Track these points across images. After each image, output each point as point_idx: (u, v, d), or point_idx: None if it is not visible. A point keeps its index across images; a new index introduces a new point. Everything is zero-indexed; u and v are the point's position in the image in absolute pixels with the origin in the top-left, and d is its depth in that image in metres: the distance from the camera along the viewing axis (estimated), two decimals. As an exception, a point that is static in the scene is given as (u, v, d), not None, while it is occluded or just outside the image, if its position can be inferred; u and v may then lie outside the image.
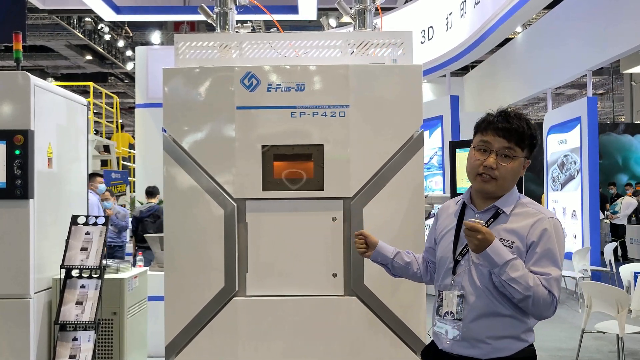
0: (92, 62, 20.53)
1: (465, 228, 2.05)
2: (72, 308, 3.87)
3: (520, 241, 2.10)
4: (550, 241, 2.09)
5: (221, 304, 3.19)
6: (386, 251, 2.48)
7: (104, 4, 9.85)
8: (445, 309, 2.19)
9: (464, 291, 2.16)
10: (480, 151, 2.19)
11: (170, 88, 3.25)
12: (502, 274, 2.03)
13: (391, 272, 2.54)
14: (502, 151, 2.15)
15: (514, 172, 2.16)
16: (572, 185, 9.60)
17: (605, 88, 22.41)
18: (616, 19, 8.62)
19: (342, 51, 3.37)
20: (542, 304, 2.04)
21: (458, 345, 2.16)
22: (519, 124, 2.14)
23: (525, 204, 2.19)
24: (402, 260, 2.49)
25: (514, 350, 2.12)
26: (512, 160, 2.15)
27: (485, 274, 2.12)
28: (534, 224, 2.11)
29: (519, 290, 2.02)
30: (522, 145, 2.16)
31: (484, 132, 2.19)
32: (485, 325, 2.12)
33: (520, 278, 2.01)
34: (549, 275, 2.06)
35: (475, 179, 2.20)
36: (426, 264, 2.50)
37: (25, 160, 3.78)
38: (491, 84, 13.86)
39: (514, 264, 2.02)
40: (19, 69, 3.98)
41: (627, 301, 4.88)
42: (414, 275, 2.51)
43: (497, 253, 2.03)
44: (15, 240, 3.80)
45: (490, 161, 2.14)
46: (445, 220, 2.35)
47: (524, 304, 2.06)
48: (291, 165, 3.21)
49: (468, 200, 2.27)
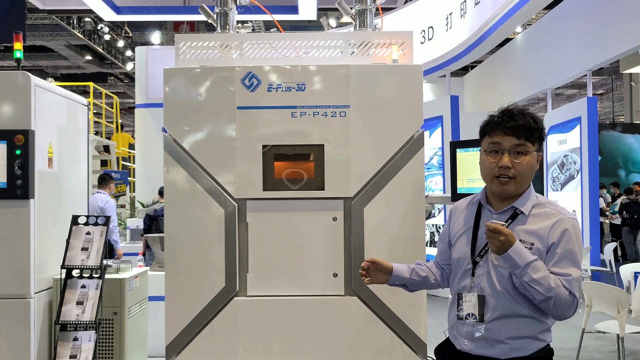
0: (91, 62, 20.53)
1: (487, 230, 2.05)
2: (73, 308, 3.87)
3: (540, 242, 2.10)
4: (571, 242, 2.09)
5: (222, 304, 3.20)
6: (402, 272, 2.41)
7: (104, 4, 9.85)
8: (466, 311, 2.18)
9: (483, 293, 2.16)
10: (492, 153, 2.18)
11: (170, 88, 3.25)
12: (523, 275, 2.03)
13: (409, 289, 2.49)
14: (514, 149, 2.14)
15: (530, 167, 2.16)
16: (572, 186, 9.60)
17: (605, 88, 22.42)
18: (616, 19, 8.62)
19: (343, 51, 3.37)
20: (564, 304, 2.05)
21: (477, 345, 2.16)
22: (525, 119, 2.14)
23: (543, 204, 2.18)
24: (418, 277, 2.43)
25: (532, 350, 2.13)
26: (525, 156, 2.15)
27: (504, 276, 2.12)
28: (554, 224, 2.11)
29: (540, 291, 2.02)
30: (532, 140, 2.16)
31: (492, 134, 2.18)
32: (504, 325, 2.13)
33: (542, 279, 2.02)
34: (569, 276, 2.06)
35: (492, 182, 2.19)
36: (441, 270, 2.46)
37: (25, 160, 3.78)
38: (491, 84, 13.86)
39: (535, 265, 2.03)
40: (20, 69, 3.98)
41: (627, 301, 4.88)
42: (433, 286, 2.48)
43: (518, 254, 2.03)
44: (16, 240, 3.80)
45: (505, 161, 2.14)
46: (460, 221, 2.33)
47: (545, 305, 2.06)
48: (292, 165, 3.21)
49: (484, 200, 2.26)
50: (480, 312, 2.15)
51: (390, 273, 2.40)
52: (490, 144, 2.19)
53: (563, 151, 9.87)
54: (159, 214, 8.07)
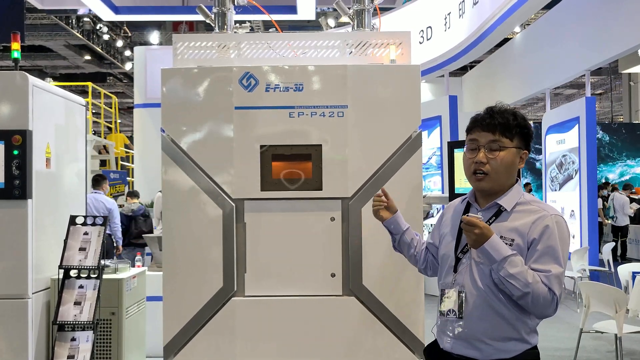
0: (90, 62, 20.50)
1: (463, 223, 2.06)
2: (71, 308, 3.87)
3: (521, 239, 2.09)
4: (552, 238, 2.07)
5: (219, 304, 3.20)
6: (401, 223, 2.54)
7: (103, 4, 9.84)
8: (447, 307, 2.18)
9: (464, 289, 2.15)
10: (470, 150, 2.20)
11: (168, 88, 3.25)
12: (500, 270, 2.02)
13: (395, 244, 2.59)
14: (489, 145, 2.15)
15: (504, 163, 2.15)
16: (571, 185, 9.61)
17: (603, 88, 22.43)
18: (614, 19, 8.62)
19: (341, 51, 3.37)
20: (542, 301, 2.02)
21: (459, 345, 2.15)
22: (502, 116, 2.15)
23: (528, 202, 2.17)
24: (409, 237, 2.54)
25: (516, 352, 2.11)
26: (500, 152, 2.14)
27: (486, 273, 2.11)
28: (535, 221, 2.10)
29: (517, 286, 2.01)
30: (509, 136, 2.15)
31: (471, 131, 2.21)
32: (485, 324, 2.11)
33: (518, 274, 2.00)
34: (549, 272, 2.04)
35: (471, 178, 2.21)
36: (426, 251, 2.51)
37: (23, 160, 3.77)
38: (490, 84, 13.86)
39: (512, 260, 2.01)
40: (18, 69, 3.97)
41: (625, 301, 4.88)
42: (411, 257, 2.55)
43: (495, 249, 2.02)
44: (14, 241, 3.79)
45: (479, 156, 2.15)
46: (450, 218, 2.35)
47: (523, 301, 2.04)
48: (290, 166, 3.21)
49: (472, 199, 2.28)
50: (459, 309, 2.15)
51: (394, 213, 2.54)
52: (469, 140, 2.21)
53: (562, 151, 9.87)
54: (138, 214, 8.40)
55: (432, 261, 2.49)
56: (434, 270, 2.50)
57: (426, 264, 2.51)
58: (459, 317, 2.15)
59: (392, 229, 2.55)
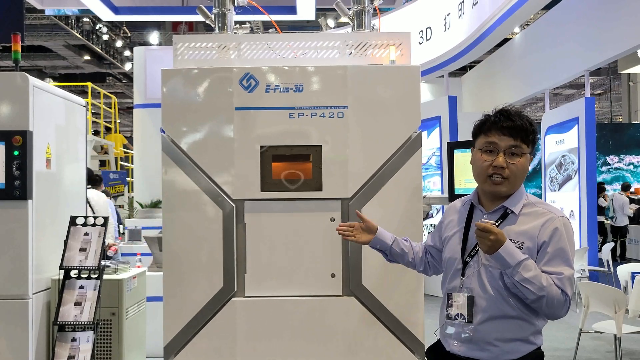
0: (90, 62, 20.50)
1: (477, 229, 2.04)
2: (71, 309, 3.87)
3: (530, 242, 2.10)
4: (562, 240, 2.09)
5: (220, 304, 3.20)
6: (385, 238, 2.50)
7: (103, 4, 9.84)
8: (455, 311, 2.18)
9: (473, 293, 2.16)
10: (487, 152, 2.18)
11: (168, 89, 3.26)
12: (514, 275, 2.02)
13: (388, 258, 2.57)
14: (510, 149, 2.15)
15: (523, 169, 2.17)
16: (570, 186, 9.61)
17: (603, 88, 22.43)
18: (614, 20, 8.63)
19: (341, 52, 3.37)
20: (556, 303, 2.04)
21: (467, 347, 2.16)
22: (521, 121, 2.15)
23: (533, 204, 2.18)
24: (399, 248, 2.51)
25: (522, 353, 2.12)
26: (520, 158, 2.15)
27: (495, 276, 2.11)
28: (544, 223, 2.11)
29: (532, 290, 2.02)
30: (527, 142, 2.17)
31: (488, 133, 2.18)
32: (494, 327, 2.12)
33: (533, 278, 2.01)
34: (561, 274, 2.06)
35: (485, 181, 2.19)
36: (423, 253, 2.51)
37: (24, 161, 3.78)
38: (489, 84, 13.86)
39: (526, 264, 2.02)
40: (18, 70, 3.98)
41: (625, 301, 4.88)
42: (409, 264, 2.54)
43: (509, 254, 2.02)
44: (14, 241, 3.79)
45: (499, 160, 2.14)
46: (452, 220, 2.34)
47: (537, 304, 2.05)
48: (290, 166, 3.22)
49: (476, 201, 2.27)
50: (469, 313, 2.15)
51: (374, 233, 2.48)
52: (486, 143, 2.18)
53: (561, 151, 9.88)
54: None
55: (431, 262, 2.50)
56: (434, 270, 2.51)
57: (425, 266, 2.51)
58: (469, 321, 2.15)
59: (378, 247, 2.53)
